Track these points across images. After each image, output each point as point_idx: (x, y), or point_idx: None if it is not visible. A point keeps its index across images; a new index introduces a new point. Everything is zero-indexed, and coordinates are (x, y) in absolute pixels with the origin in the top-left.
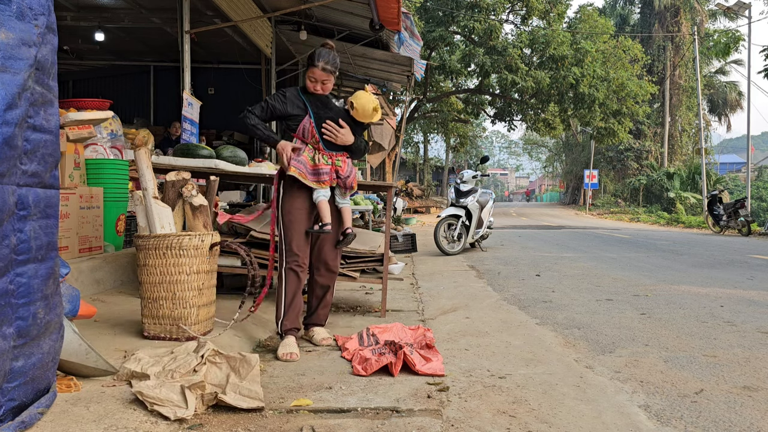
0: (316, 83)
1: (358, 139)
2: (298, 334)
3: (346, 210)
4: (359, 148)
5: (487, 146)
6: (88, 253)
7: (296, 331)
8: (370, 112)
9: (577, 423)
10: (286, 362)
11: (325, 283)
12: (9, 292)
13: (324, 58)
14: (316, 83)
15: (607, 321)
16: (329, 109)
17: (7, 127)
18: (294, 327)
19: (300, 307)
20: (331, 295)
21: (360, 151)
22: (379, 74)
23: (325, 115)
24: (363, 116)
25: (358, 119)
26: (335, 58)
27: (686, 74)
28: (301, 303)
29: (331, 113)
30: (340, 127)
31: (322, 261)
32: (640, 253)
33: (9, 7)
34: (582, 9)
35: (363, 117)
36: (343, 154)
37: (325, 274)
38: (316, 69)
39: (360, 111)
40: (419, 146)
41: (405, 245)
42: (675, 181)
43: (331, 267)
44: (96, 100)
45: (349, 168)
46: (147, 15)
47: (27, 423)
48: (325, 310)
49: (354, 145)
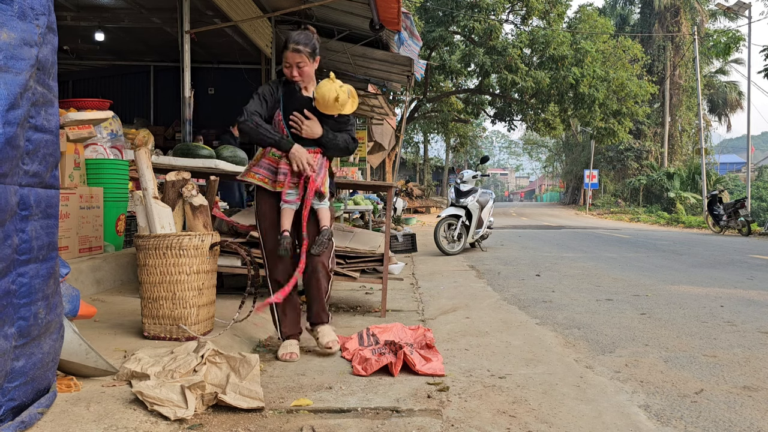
0: (291, 68)
1: (328, 133)
2: (301, 336)
3: (322, 211)
4: (333, 144)
5: (487, 146)
6: (88, 253)
7: (298, 335)
8: (331, 103)
9: (577, 423)
10: (286, 362)
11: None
12: (11, 292)
13: (293, 39)
14: (291, 68)
15: (607, 321)
16: (296, 99)
17: (10, 127)
18: (294, 332)
19: (295, 312)
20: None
21: (336, 147)
22: (379, 74)
23: (292, 106)
24: (324, 107)
25: (320, 110)
26: (309, 38)
27: (686, 74)
28: (295, 307)
29: (297, 104)
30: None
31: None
32: (640, 253)
33: (11, 7)
34: (582, 9)
35: (325, 108)
36: (315, 151)
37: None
38: (287, 52)
39: (320, 102)
40: (419, 146)
41: (405, 245)
42: (675, 181)
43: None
44: (96, 100)
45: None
46: (147, 15)
47: (27, 423)
48: (320, 305)
49: (324, 139)
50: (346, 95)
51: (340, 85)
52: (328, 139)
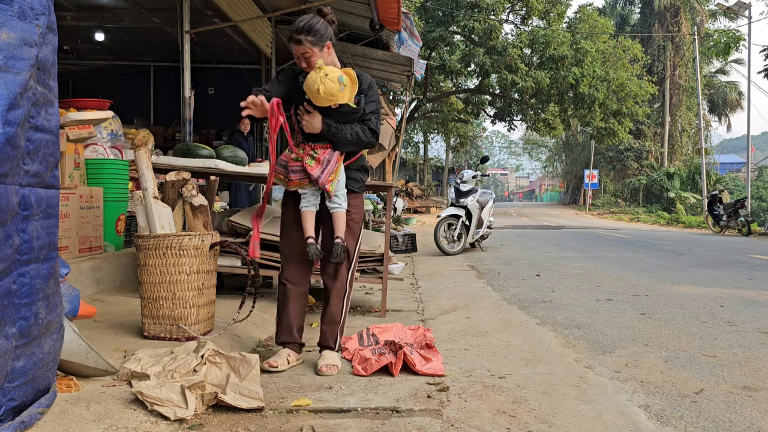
0: (299, 61)
1: (330, 127)
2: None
3: (337, 216)
4: (339, 137)
5: (487, 146)
6: (88, 253)
7: (294, 345)
8: (315, 95)
9: (577, 423)
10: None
11: (329, 296)
12: (12, 292)
13: (294, 27)
14: (299, 61)
15: (607, 321)
16: (300, 92)
17: (10, 127)
18: (288, 341)
19: (295, 321)
20: (338, 309)
21: (344, 140)
22: (379, 74)
23: (300, 99)
24: (315, 100)
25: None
26: (311, 24)
27: (686, 74)
28: (296, 316)
29: (302, 97)
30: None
31: (325, 272)
32: (640, 253)
33: (11, 7)
34: (582, 9)
35: (315, 100)
36: (325, 146)
37: (328, 284)
38: (290, 43)
39: (309, 95)
40: (419, 146)
41: (405, 245)
42: (675, 181)
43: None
44: (96, 100)
45: (324, 163)
46: (147, 15)
47: (27, 423)
48: (329, 328)
49: (327, 134)
50: (333, 85)
51: (326, 74)
52: (331, 133)
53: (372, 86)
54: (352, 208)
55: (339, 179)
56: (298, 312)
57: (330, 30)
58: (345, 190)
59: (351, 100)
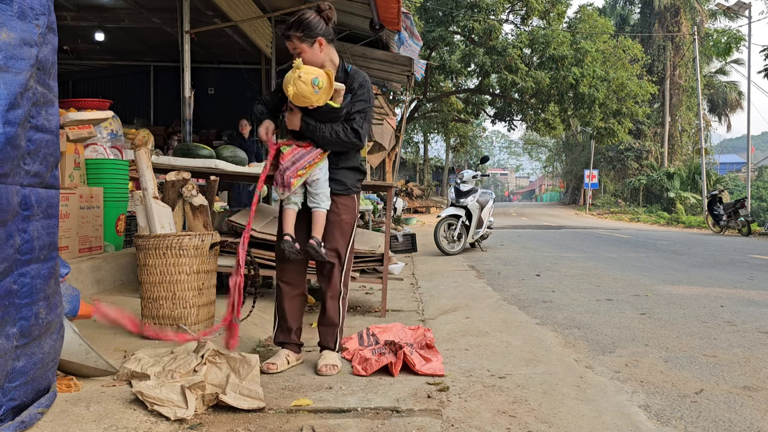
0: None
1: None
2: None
3: (316, 215)
4: (316, 136)
5: (487, 146)
6: (88, 253)
7: (293, 346)
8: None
9: (577, 423)
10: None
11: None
12: (13, 292)
13: (285, 24)
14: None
15: (607, 321)
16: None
17: (10, 127)
18: (287, 342)
19: (293, 322)
20: (334, 312)
21: (322, 139)
22: (379, 74)
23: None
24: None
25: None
26: (300, 20)
27: (686, 74)
28: (294, 317)
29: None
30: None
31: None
32: (640, 253)
33: (10, 7)
34: (582, 9)
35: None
36: (307, 144)
37: (323, 287)
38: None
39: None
40: (419, 146)
41: (405, 245)
42: (675, 181)
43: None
44: (96, 100)
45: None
46: (147, 15)
47: (27, 423)
48: (327, 330)
49: (305, 131)
50: (305, 87)
51: (299, 76)
52: (309, 131)
53: (363, 85)
54: (342, 209)
55: (320, 178)
56: (296, 313)
57: (323, 25)
58: (328, 190)
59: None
